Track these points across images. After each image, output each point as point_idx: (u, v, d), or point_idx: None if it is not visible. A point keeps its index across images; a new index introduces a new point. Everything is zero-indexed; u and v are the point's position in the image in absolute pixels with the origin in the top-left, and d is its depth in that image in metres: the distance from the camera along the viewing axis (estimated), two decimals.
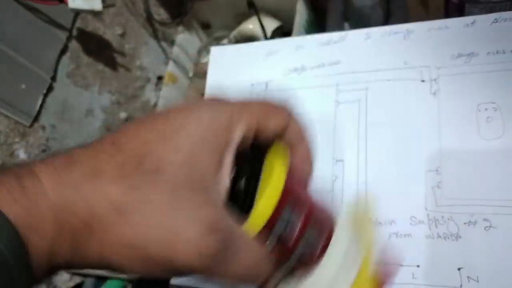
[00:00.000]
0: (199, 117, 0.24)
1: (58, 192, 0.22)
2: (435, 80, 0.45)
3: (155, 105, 1.25)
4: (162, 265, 0.22)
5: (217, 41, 1.32)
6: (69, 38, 0.93)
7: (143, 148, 0.23)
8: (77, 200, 0.22)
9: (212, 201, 0.23)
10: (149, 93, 1.26)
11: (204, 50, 1.36)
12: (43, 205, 0.21)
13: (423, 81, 0.45)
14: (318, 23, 0.99)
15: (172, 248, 0.21)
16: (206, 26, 1.35)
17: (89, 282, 0.95)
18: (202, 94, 0.56)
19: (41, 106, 0.88)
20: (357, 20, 0.82)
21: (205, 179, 0.23)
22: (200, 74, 0.58)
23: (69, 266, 0.23)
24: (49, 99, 0.90)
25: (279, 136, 0.27)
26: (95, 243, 0.22)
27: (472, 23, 0.45)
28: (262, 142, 0.27)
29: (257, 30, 1.09)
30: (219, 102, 0.26)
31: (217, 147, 0.24)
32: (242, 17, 1.18)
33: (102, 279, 0.95)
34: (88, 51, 0.99)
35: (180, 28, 1.29)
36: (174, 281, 0.47)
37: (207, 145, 0.23)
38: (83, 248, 0.22)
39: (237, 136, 0.25)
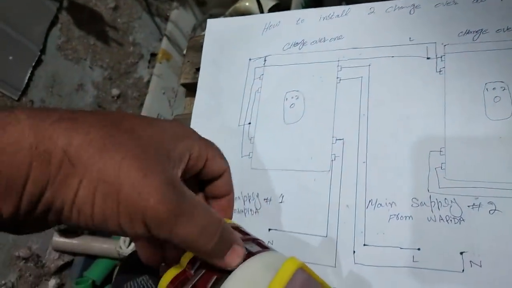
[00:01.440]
0: (173, 125, 0.29)
1: (35, 124, 0.23)
2: (441, 57, 0.43)
3: (148, 82, 1.23)
4: (130, 207, 0.24)
5: (213, 18, 1.29)
6: (59, 10, 0.90)
7: (122, 118, 0.26)
8: (58, 133, 0.23)
9: (174, 169, 0.27)
10: (142, 70, 1.23)
11: (199, 27, 1.33)
12: (16, 132, 0.22)
13: (428, 58, 0.43)
14: (316, 2, 0.96)
15: (141, 190, 0.24)
16: (201, 3, 1.32)
17: (78, 260, 0.94)
18: (197, 69, 0.53)
19: (30, 79, 0.85)
20: None
21: (170, 156, 0.27)
22: (196, 47, 0.56)
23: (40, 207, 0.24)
24: (38, 72, 0.87)
25: (214, 179, 0.32)
26: (76, 175, 0.23)
27: None
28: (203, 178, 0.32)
29: (254, 8, 1.06)
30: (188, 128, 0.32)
31: (181, 151, 0.28)
32: None
33: (91, 258, 0.94)
34: (79, 24, 0.96)
35: (175, 4, 1.26)
36: None
37: (174, 140, 0.28)
38: (60, 181, 0.23)
39: (193, 155, 0.29)
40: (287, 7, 0.96)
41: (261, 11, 1.02)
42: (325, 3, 0.93)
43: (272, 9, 1.10)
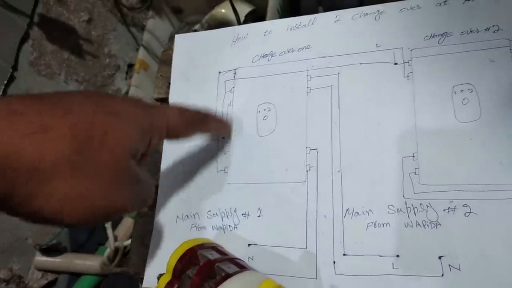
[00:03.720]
0: (135, 110, 0.30)
1: (3, 137, 0.22)
2: (408, 62, 0.43)
3: (127, 93, 1.21)
4: (102, 214, 0.27)
5: (189, 26, 1.29)
6: (30, 25, 0.89)
7: (90, 116, 0.26)
8: (25, 148, 0.23)
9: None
10: (120, 82, 1.22)
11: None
12: None
13: (396, 63, 0.43)
14: (292, 7, 0.96)
15: (113, 201, 0.27)
16: (177, 11, 1.30)
17: (62, 278, 0.93)
18: (170, 83, 0.53)
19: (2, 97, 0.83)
20: (331, 3, 0.80)
21: (133, 160, 0.29)
22: (168, 61, 0.55)
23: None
24: (11, 89, 0.85)
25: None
26: (45, 191, 0.23)
27: (444, 2, 0.43)
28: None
29: (230, 15, 1.05)
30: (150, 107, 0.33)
31: (142, 143, 0.31)
32: (215, 1, 1.14)
33: (76, 275, 0.92)
34: (51, 38, 0.94)
35: (151, 13, 1.25)
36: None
37: (136, 139, 0.29)
38: (25, 196, 0.23)
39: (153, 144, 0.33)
40: (263, 14, 0.96)
41: (237, 18, 1.02)
42: (302, 8, 0.93)
43: (248, 15, 1.09)
